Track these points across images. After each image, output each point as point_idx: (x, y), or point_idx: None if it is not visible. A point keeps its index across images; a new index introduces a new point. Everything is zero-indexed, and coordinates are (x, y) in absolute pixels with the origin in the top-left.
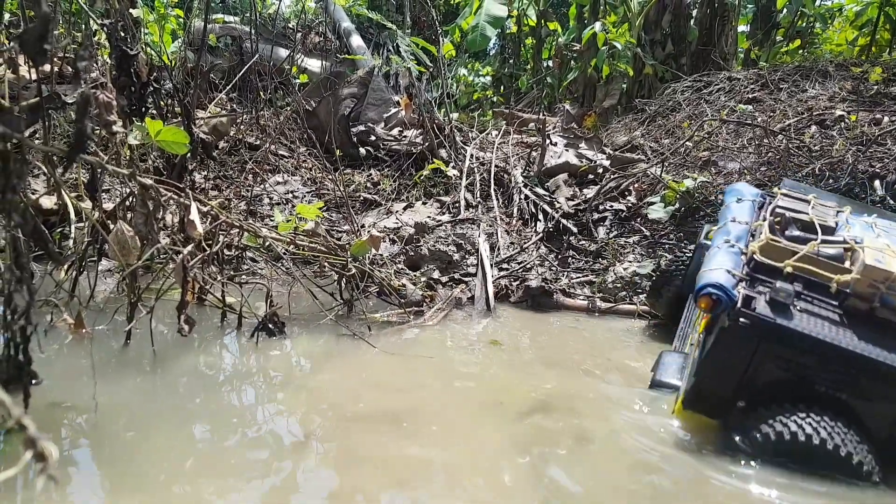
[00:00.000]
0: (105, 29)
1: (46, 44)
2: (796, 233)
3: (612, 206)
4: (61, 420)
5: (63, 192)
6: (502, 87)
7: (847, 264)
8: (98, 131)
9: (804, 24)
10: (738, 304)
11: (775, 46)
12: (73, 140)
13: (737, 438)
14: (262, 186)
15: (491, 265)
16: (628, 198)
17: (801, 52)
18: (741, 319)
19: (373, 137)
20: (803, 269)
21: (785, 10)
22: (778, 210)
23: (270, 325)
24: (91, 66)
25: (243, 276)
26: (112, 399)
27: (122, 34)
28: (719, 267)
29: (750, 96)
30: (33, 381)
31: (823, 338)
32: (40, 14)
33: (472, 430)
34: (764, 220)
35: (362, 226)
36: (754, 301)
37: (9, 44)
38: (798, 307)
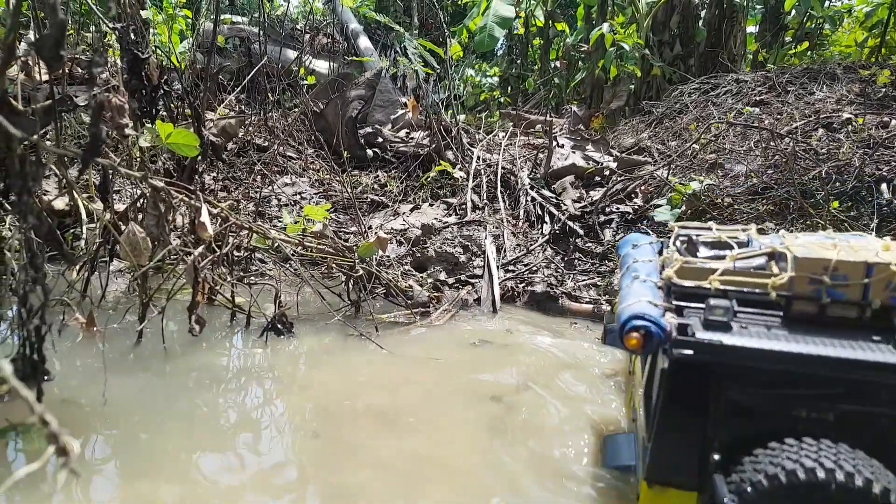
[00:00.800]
0: (116, 32)
1: (62, 49)
2: (709, 252)
3: (618, 209)
4: (73, 416)
5: (75, 194)
6: (510, 88)
7: (775, 270)
8: (111, 134)
9: (813, 26)
10: (673, 334)
11: (783, 48)
12: (88, 143)
13: (725, 500)
14: (270, 188)
15: (497, 267)
16: (635, 200)
17: (809, 53)
18: (682, 351)
19: (380, 139)
20: (731, 283)
21: (794, 12)
22: (682, 236)
23: (279, 325)
24: (105, 71)
25: (252, 277)
26: (124, 395)
27: (133, 37)
28: (638, 299)
29: (757, 99)
30: (46, 378)
31: (783, 349)
32: (56, 21)
33: (467, 427)
34: (670, 249)
35: (369, 227)
36: (690, 327)
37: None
38: (739, 325)
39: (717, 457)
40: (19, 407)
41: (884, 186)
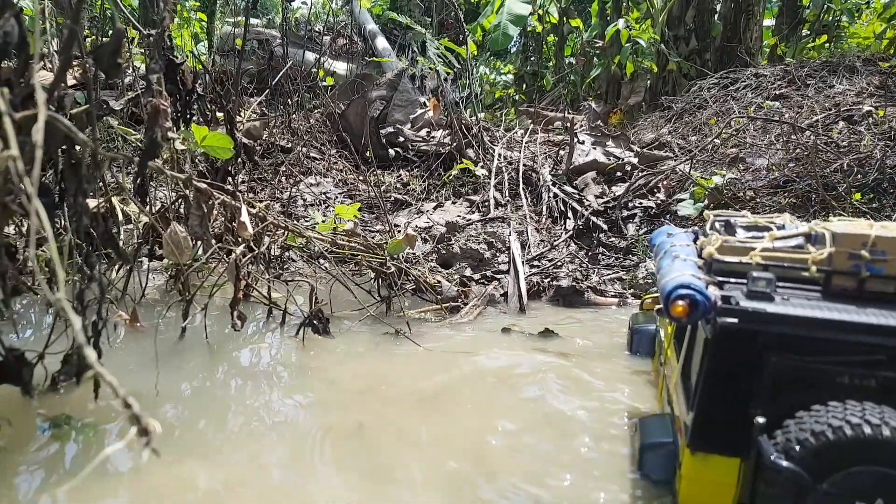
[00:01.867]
0: (151, 38)
1: (120, 58)
2: (747, 234)
3: (641, 203)
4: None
5: (112, 197)
6: (524, 86)
7: (813, 248)
8: (165, 137)
9: (830, 18)
10: (718, 303)
11: (801, 42)
12: (145, 147)
13: (772, 457)
14: (296, 188)
15: (522, 263)
16: (657, 195)
17: (827, 46)
18: (727, 319)
19: (401, 139)
20: (771, 259)
21: (811, 5)
22: (720, 219)
23: (315, 322)
24: (158, 76)
25: (287, 275)
26: (170, 388)
27: (168, 43)
28: (681, 272)
29: (777, 93)
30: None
31: (825, 316)
32: (115, 30)
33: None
34: (709, 232)
35: (395, 225)
36: (733, 297)
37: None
38: (781, 297)
39: (761, 420)
40: (72, 401)
41: None
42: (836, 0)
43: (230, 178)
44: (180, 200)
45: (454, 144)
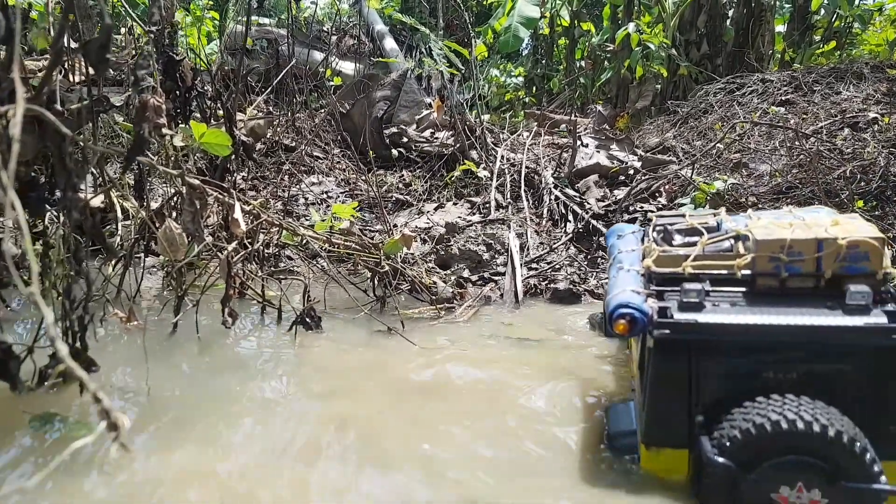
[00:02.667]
0: (152, 35)
1: (108, 53)
2: (683, 239)
3: (642, 208)
4: (116, 404)
5: (111, 192)
6: (534, 88)
7: (741, 251)
8: (152, 134)
9: (842, 25)
10: (655, 317)
11: (811, 48)
12: (133, 143)
13: (708, 453)
14: (297, 187)
15: (521, 264)
16: (659, 199)
17: (837, 52)
18: (662, 331)
19: (405, 139)
20: (702, 267)
21: (823, 11)
22: (658, 226)
23: (307, 319)
24: (147, 73)
25: (282, 273)
26: (161, 384)
27: (168, 40)
28: (623, 289)
29: (783, 98)
30: (93, 369)
31: (747, 322)
32: (103, 25)
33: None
34: (649, 239)
35: (394, 225)
36: (668, 310)
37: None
38: (711, 303)
39: (700, 418)
40: (63, 400)
41: None
42: (846, 7)
43: (229, 176)
44: (176, 197)
45: (457, 145)
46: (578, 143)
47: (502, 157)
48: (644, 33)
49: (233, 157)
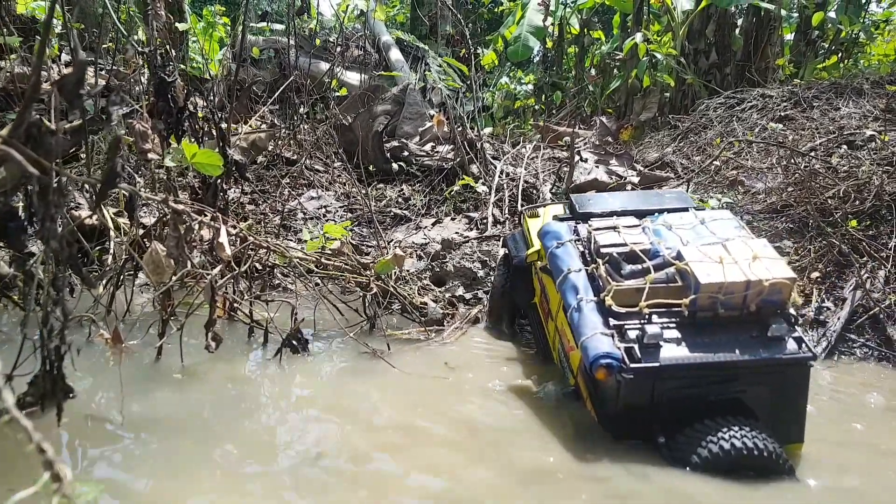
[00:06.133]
0: (145, 56)
1: (83, 89)
2: (629, 268)
3: None
4: (93, 432)
5: (103, 212)
6: (544, 96)
7: (682, 279)
8: (128, 165)
9: (848, 35)
10: (624, 360)
11: (812, 62)
12: (105, 177)
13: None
14: (297, 201)
15: None
16: None
17: (842, 65)
18: (628, 376)
19: (406, 153)
20: (654, 305)
21: (829, 25)
22: (603, 251)
23: (294, 342)
24: (123, 108)
25: (273, 293)
26: (143, 411)
27: (161, 61)
28: (593, 331)
29: (782, 114)
30: (70, 396)
31: (696, 361)
32: (76, 61)
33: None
34: (595, 263)
35: (391, 241)
36: (632, 352)
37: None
38: (665, 338)
39: (662, 439)
40: (40, 428)
41: None
42: (845, 22)
43: (221, 195)
44: (165, 218)
45: (457, 160)
46: (577, 158)
47: (502, 171)
48: (653, 42)
49: (225, 176)
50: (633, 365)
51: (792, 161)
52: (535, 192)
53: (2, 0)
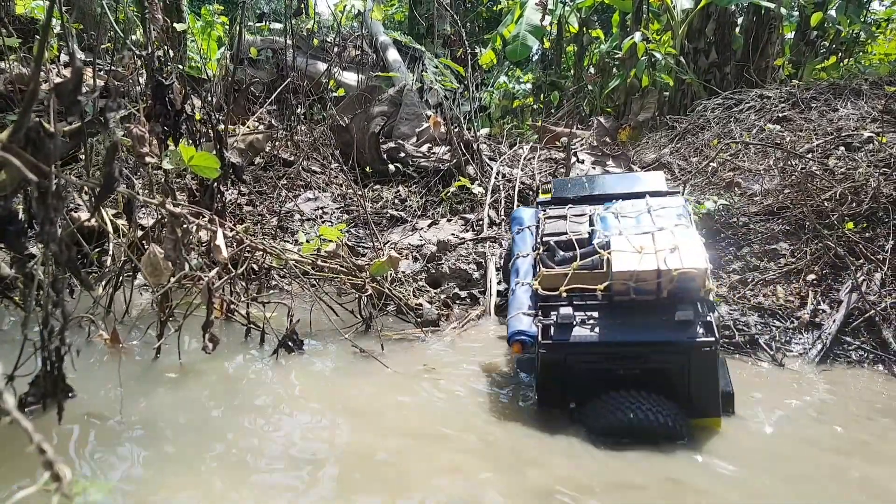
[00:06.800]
0: (142, 59)
1: (80, 95)
2: (561, 255)
3: None
4: (93, 431)
5: (102, 214)
6: (542, 96)
7: (605, 266)
8: (123, 172)
9: (849, 34)
10: (539, 338)
11: (812, 62)
12: (103, 183)
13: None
14: (294, 202)
15: (496, 276)
16: None
17: (842, 64)
18: (542, 351)
19: (402, 154)
20: (574, 287)
21: (828, 24)
22: (545, 239)
23: (290, 343)
24: (119, 113)
25: (270, 291)
26: (141, 411)
27: (158, 63)
28: (517, 311)
29: (780, 115)
30: (70, 395)
31: (600, 339)
32: (74, 67)
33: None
34: (536, 250)
35: (386, 242)
36: (549, 330)
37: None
38: (578, 320)
39: (573, 405)
40: (42, 428)
41: None
42: (844, 22)
43: (218, 197)
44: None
45: (453, 161)
46: (574, 159)
47: (498, 172)
48: (652, 42)
49: (222, 178)
50: (543, 341)
51: (789, 163)
52: (530, 193)
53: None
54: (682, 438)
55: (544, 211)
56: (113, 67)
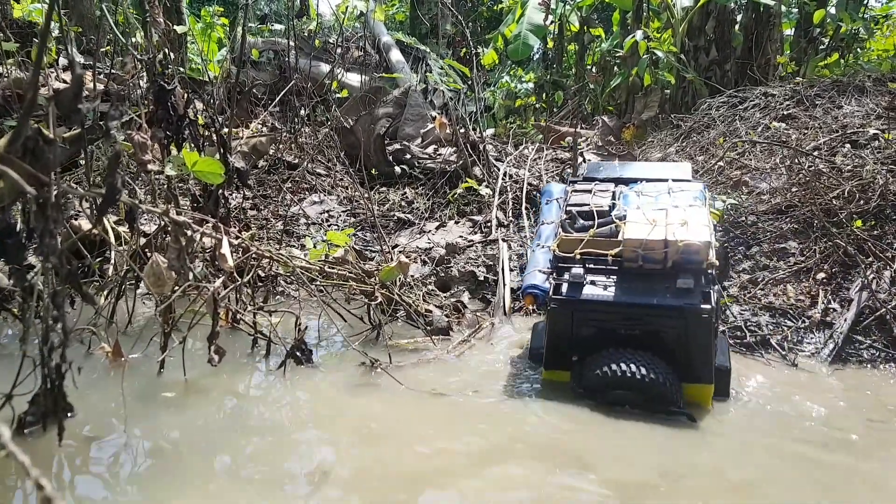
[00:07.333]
0: (144, 64)
1: (80, 104)
2: (581, 223)
3: None
4: (94, 453)
5: (104, 222)
6: (545, 95)
7: (620, 236)
8: (127, 181)
9: (848, 31)
10: (550, 293)
11: (814, 59)
12: (105, 193)
13: (574, 386)
14: (299, 206)
15: (510, 270)
16: None
17: (843, 60)
18: (553, 305)
19: (408, 156)
20: (589, 252)
21: (828, 21)
22: (568, 208)
23: (298, 353)
24: (122, 122)
25: (277, 300)
26: (144, 431)
27: (160, 67)
28: (534, 268)
29: (785, 113)
30: (70, 414)
31: (607, 298)
32: (74, 76)
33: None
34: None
35: (395, 246)
36: (560, 287)
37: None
38: (589, 281)
39: (574, 358)
40: (40, 450)
41: None
42: (846, 18)
43: (223, 203)
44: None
45: (460, 162)
46: (580, 159)
47: (505, 173)
48: (653, 40)
49: (227, 184)
50: (554, 296)
51: (796, 161)
52: (537, 194)
53: None
54: (671, 399)
55: (573, 186)
56: (114, 71)
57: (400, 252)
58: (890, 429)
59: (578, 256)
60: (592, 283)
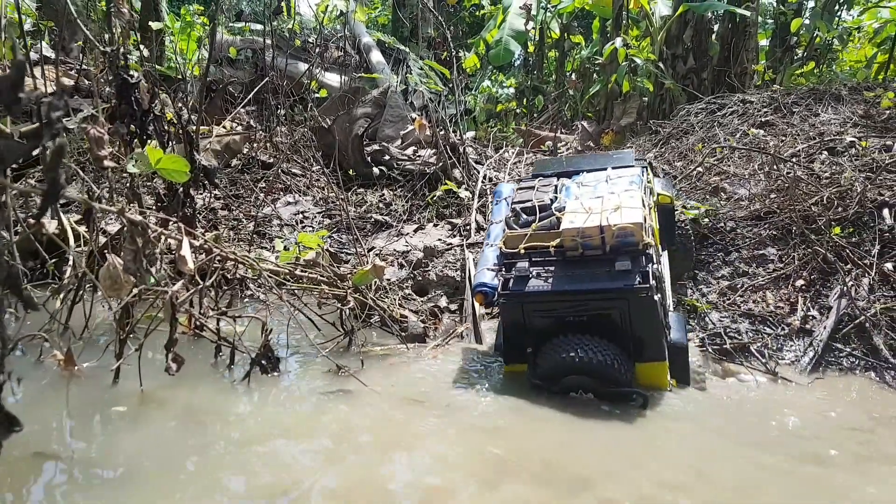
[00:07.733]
0: (107, 57)
1: (21, 93)
2: (525, 218)
3: None
4: (41, 472)
5: (63, 220)
6: (525, 100)
7: (561, 227)
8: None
9: (822, 42)
10: (499, 289)
11: (790, 68)
12: (46, 189)
13: (530, 377)
14: (272, 207)
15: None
16: None
17: (817, 70)
18: (502, 300)
19: (387, 157)
20: (531, 246)
21: (803, 30)
22: (513, 206)
23: (264, 362)
24: (66, 115)
25: (243, 305)
26: (96, 446)
27: (124, 60)
28: (483, 267)
29: (762, 120)
30: (16, 429)
31: (550, 289)
32: (15, 62)
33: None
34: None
35: (371, 248)
36: (508, 283)
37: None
38: (534, 273)
39: (529, 349)
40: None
41: (885, 212)
42: (823, 27)
43: (188, 203)
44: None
45: (439, 165)
46: None
47: (485, 176)
48: (632, 47)
49: (193, 183)
50: (502, 291)
51: (774, 167)
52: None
53: None
54: (624, 380)
55: (518, 184)
56: (84, 67)
57: (375, 255)
58: (870, 440)
59: (523, 251)
60: (538, 275)
